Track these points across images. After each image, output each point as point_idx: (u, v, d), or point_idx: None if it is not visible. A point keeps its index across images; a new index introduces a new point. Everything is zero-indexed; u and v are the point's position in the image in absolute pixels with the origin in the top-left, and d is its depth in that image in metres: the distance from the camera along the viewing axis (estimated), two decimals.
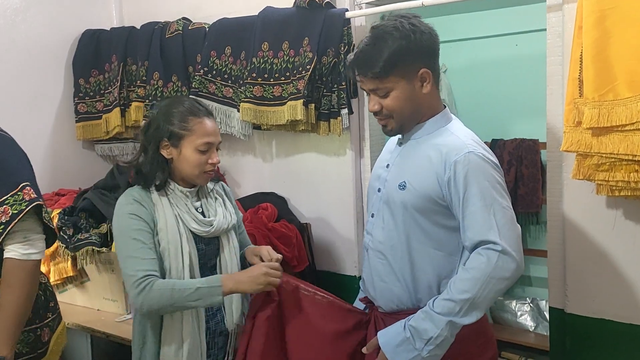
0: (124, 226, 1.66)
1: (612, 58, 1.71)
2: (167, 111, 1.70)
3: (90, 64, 3.07)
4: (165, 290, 1.59)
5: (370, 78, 1.55)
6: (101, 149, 3.17)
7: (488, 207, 1.48)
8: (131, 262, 1.62)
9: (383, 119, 1.62)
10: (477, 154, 1.51)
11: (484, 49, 3.77)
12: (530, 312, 3.61)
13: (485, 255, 1.46)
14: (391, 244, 1.63)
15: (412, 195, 1.57)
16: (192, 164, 1.68)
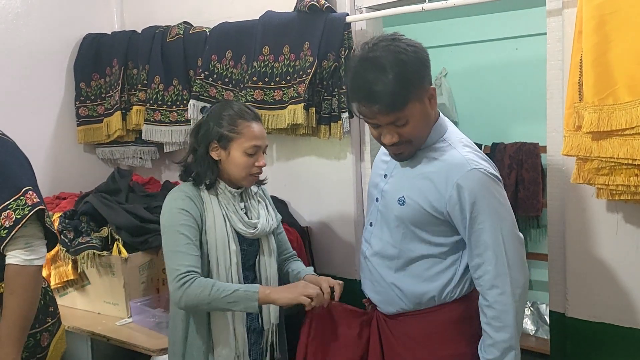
0: (173, 220, 1.70)
1: (612, 62, 1.71)
2: (218, 114, 1.76)
3: (91, 68, 3.08)
4: (205, 288, 1.62)
5: (389, 112, 1.46)
6: (102, 152, 3.18)
7: (495, 225, 1.50)
8: (177, 256, 1.66)
9: (400, 147, 1.55)
10: (480, 170, 1.50)
11: (484, 53, 3.79)
12: (531, 315, 3.61)
13: (500, 287, 1.50)
14: (387, 252, 1.64)
15: (411, 211, 1.57)
16: (240, 166, 1.74)
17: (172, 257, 1.67)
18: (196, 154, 1.78)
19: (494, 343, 1.52)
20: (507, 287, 1.50)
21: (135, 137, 3.05)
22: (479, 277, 1.53)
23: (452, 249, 1.59)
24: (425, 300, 1.61)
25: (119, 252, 2.33)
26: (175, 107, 2.85)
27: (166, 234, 1.71)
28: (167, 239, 1.70)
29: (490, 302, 1.52)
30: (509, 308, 1.50)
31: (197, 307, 1.67)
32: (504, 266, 1.50)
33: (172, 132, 2.86)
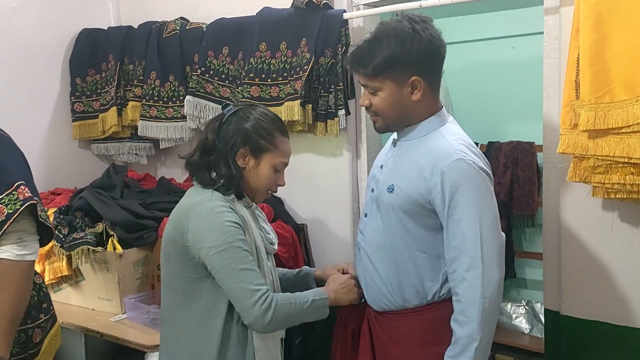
0: (229, 235, 1.50)
1: (609, 61, 1.72)
2: (256, 119, 1.61)
3: (87, 63, 3.06)
4: (289, 305, 1.53)
5: (362, 74, 1.57)
6: (97, 148, 3.16)
7: (474, 217, 1.48)
8: (249, 274, 1.49)
9: (372, 116, 1.64)
10: (467, 161, 1.50)
11: (481, 52, 3.78)
12: (526, 314, 3.61)
13: (469, 279, 1.47)
14: (379, 245, 1.64)
15: (399, 199, 1.57)
16: (265, 180, 1.63)
17: (244, 276, 1.49)
18: (220, 155, 1.59)
19: (457, 339, 1.50)
20: (477, 281, 1.46)
21: (131, 133, 3.03)
22: (453, 271, 1.51)
23: (439, 244, 1.57)
24: (413, 298, 1.61)
25: (114, 248, 2.32)
26: (171, 103, 2.83)
27: (226, 252, 1.49)
28: (228, 256, 1.49)
29: (459, 296, 1.49)
30: (475, 303, 1.46)
31: (282, 325, 1.57)
32: (478, 260, 1.47)
33: (168, 128, 2.85)
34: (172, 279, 1.61)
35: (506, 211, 3.46)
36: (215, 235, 1.50)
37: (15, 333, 1.59)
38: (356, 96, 2.49)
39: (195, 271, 1.55)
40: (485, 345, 1.49)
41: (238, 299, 1.50)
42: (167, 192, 2.66)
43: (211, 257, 1.49)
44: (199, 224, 1.51)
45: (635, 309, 1.91)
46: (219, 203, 1.54)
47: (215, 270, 1.50)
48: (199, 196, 1.57)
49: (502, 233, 1.55)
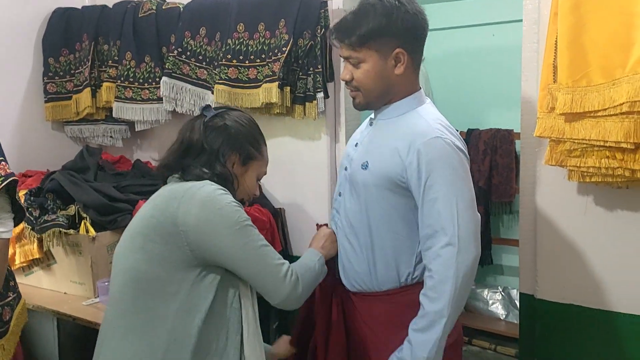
0: (239, 215, 1.42)
1: (587, 44, 1.71)
2: (246, 126, 1.58)
3: (60, 43, 2.99)
4: (308, 272, 1.52)
5: (346, 45, 1.55)
6: (71, 130, 3.09)
7: (450, 195, 1.47)
8: (269, 251, 1.45)
9: (353, 91, 1.61)
10: (444, 139, 1.50)
11: (461, 39, 3.79)
12: (502, 300, 3.66)
13: (443, 256, 1.46)
14: (353, 223, 1.63)
15: (373, 176, 1.56)
16: (248, 188, 1.61)
17: (266, 252, 1.44)
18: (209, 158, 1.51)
19: (425, 314, 1.48)
20: (452, 259, 1.45)
21: (106, 115, 2.97)
22: (428, 248, 1.50)
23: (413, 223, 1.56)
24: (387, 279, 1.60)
25: (87, 230, 2.28)
26: (147, 84, 2.78)
27: (240, 231, 1.41)
28: (244, 235, 1.41)
29: (432, 272, 1.48)
30: (448, 280, 1.45)
31: (307, 295, 1.53)
32: (455, 238, 1.45)
33: (144, 110, 2.80)
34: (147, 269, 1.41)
35: (485, 198, 3.49)
36: (226, 216, 1.40)
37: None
38: (335, 79, 2.46)
39: (182, 259, 1.40)
40: (453, 320, 1.49)
41: (266, 276, 1.42)
42: (142, 175, 2.62)
43: (225, 240, 1.39)
44: (203, 207, 1.39)
45: (607, 292, 1.93)
46: (217, 187, 1.45)
47: (231, 253, 1.40)
48: (191, 183, 1.46)
49: (478, 213, 1.54)
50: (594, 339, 1.97)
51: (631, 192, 1.83)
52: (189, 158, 1.51)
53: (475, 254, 1.48)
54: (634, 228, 1.86)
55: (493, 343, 3.37)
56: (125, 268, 1.46)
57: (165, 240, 1.40)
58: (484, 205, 3.48)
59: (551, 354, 2.06)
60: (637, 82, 1.59)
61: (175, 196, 1.43)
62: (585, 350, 1.99)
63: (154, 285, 1.41)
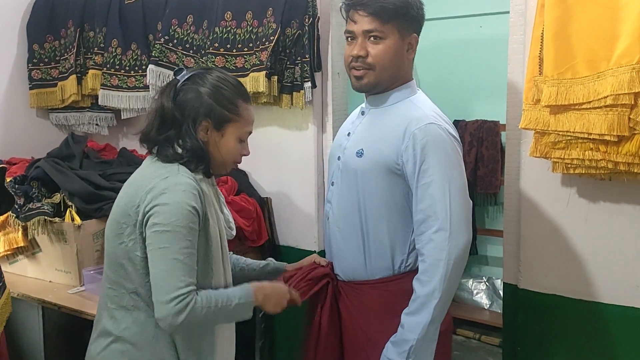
0: (179, 219, 1.35)
1: (572, 37, 1.73)
2: (215, 87, 1.45)
3: (45, 29, 2.96)
4: (207, 309, 1.36)
5: (373, 16, 1.53)
6: (56, 117, 3.06)
7: (444, 180, 1.49)
8: (179, 267, 1.34)
9: (363, 69, 1.58)
10: (438, 126, 1.52)
11: (448, 30, 3.79)
12: (486, 290, 3.70)
13: (435, 240, 1.48)
14: (347, 212, 1.63)
15: (368, 163, 1.57)
16: (230, 153, 1.49)
17: (174, 267, 1.34)
18: (181, 128, 1.44)
19: (416, 297, 1.50)
20: (444, 243, 1.47)
21: (91, 102, 2.95)
22: (421, 233, 1.52)
23: (407, 211, 1.57)
24: (379, 267, 1.61)
25: (72, 218, 2.26)
26: (133, 72, 2.76)
27: (168, 234, 1.35)
28: (168, 240, 1.35)
29: (424, 257, 1.50)
30: (440, 264, 1.47)
31: (193, 328, 1.42)
32: (447, 223, 1.48)
33: (130, 98, 2.78)
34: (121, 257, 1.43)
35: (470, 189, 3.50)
36: (166, 213, 1.35)
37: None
38: (322, 69, 2.46)
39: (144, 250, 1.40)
40: (444, 304, 1.51)
41: (157, 288, 1.35)
42: (128, 163, 2.59)
43: (151, 234, 1.36)
44: (158, 195, 1.37)
45: (589, 283, 1.96)
46: (186, 180, 1.40)
47: (150, 248, 1.37)
48: (164, 169, 1.43)
49: (470, 199, 1.56)
50: (576, 329, 2.01)
51: (614, 184, 1.85)
52: (163, 129, 1.45)
53: (466, 239, 1.51)
54: (616, 219, 1.89)
55: (477, 332, 3.41)
56: (108, 252, 1.49)
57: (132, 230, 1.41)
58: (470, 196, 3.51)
59: (534, 343, 2.09)
60: (621, 75, 1.61)
61: (144, 182, 1.42)
62: (567, 340, 2.02)
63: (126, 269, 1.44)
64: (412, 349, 1.49)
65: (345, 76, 1.67)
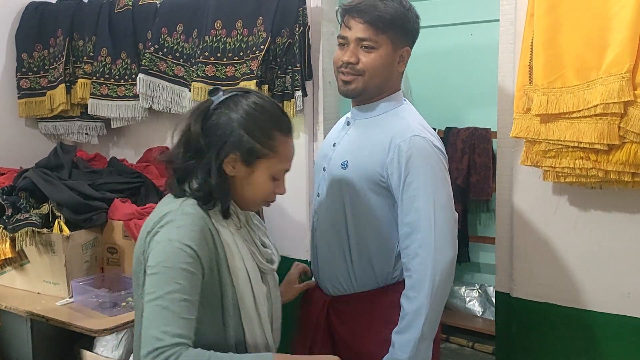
0: (169, 258, 1.18)
1: (562, 46, 1.73)
2: (249, 114, 1.27)
3: (34, 38, 2.94)
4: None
5: (368, 24, 1.52)
6: (45, 127, 3.04)
7: (428, 194, 1.48)
8: (164, 316, 1.14)
9: (352, 75, 1.57)
10: (423, 138, 1.51)
11: (439, 38, 3.80)
12: (479, 298, 3.69)
13: (421, 255, 1.47)
14: (332, 223, 1.62)
15: (352, 174, 1.56)
16: (260, 191, 1.31)
17: (154, 316, 1.14)
18: (203, 159, 1.27)
19: (404, 315, 1.48)
20: (429, 258, 1.46)
21: (81, 111, 2.93)
22: (406, 247, 1.50)
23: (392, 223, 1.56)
24: (366, 280, 1.60)
25: (60, 229, 2.23)
26: (123, 81, 2.75)
27: (156, 277, 1.18)
28: (155, 283, 1.17)
29: (410, 272, 1.49)
30: (426, 279, 1.45)
31: None
32: (431, 236, 1.46)
33: (120, 107, 2.76)
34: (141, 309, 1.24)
35: (463, 196, 3.52)
36: (155, 253, 1.20)
37: None
38: (313, 78, 2.45)
39: None
40: (433, 320, 1.48)
41: (142, 333, 1.16)
42: (118, 172, 2.57)
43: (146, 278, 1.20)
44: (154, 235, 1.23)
45: (581, 291, 1.96)
46: (186, 216, 1.23)
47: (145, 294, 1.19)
48: (168, 205, 1.29)
49: (455, 212, 1.55)
50: (569, 337, 2.00)
51: (604, 192, 1.86)
52: (187, 155, 1.28)
53: (452, 253, 1.49)
54: (607, 228, 1.89)
55: (471, 340, 3.40)
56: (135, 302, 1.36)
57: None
58: (462, 203, 3.51)
59: (527, 351, 2.08)
60: (611, 84, 1.62)
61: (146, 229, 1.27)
62: (560, 348, 2.02)
63: None
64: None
65: (336, 85, 1.65)
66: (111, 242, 2.33)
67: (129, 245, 2.27)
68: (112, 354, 2.53)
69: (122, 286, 2.25)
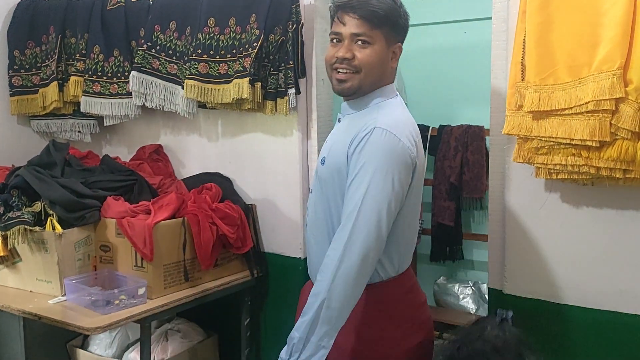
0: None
1: (554, 43, 1.74)
2: None
3: (26, 35, 2.92)
4: None
5: (363, 20, 1.52)
6: (37, 124, 3.03)
7: (365, 183, 1.46)
8: None
9: (348, 72, 1.56)
10: (385, 130, 1.49)
11: (433, 35, 3.80)
12: (472, 295, 3.69)
13: (336, 240, 1.46)
14: (318, 219, 1.63)
15: (328, 170, 1.58)
16: None
17: None
18: None
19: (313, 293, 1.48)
20: (341, 245, 1.44)
21: (74, 109, 2.91)
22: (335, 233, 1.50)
23: None
24: None
25: (53, 227, 2.23)
26: (115, 78, 2.74)
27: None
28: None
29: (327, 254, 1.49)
30: (332, 264, 1.44)
31: None
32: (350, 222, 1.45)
33: (113, 104, 2.75)
34: None
35: (456, 194, 3.52)
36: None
37: None
38: (307, 75, 2.45)
39: None
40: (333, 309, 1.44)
41: None
42: (111, 170, 2.56)
43: None
44: None
45: (573, 288, 1.96)
46: None
47: None
48: None
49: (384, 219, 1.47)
50: (561, 334, 2.01)
51: (596, 189, 1.86)
52: None
53: (365, 249, 1.45)
54: (599, 224, 1.90)
55: None
56: None
57: None
58: (456, 201, 3.51)
59: None
60: (602, 81, 1.62)
61: None
62: (553, 345, 2.02)
63: None
64: (294, 347, 1.46)
65: (329, 82, 1.65)
66: (104, 240, 2.33)
67: (122, 243, 2.27)
68: (105, 352, 2.54)
69: (115, 284, 2.25)
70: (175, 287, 2.29)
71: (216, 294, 2.40)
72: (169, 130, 2.86)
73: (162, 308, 2.20)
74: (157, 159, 2.83)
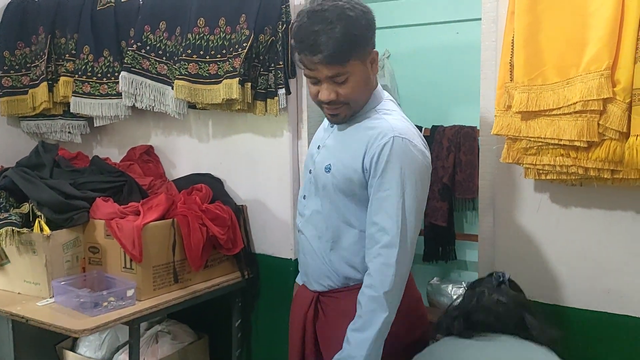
0: None
1: (542, 43, 1.73)
2: None
3: (15, 36, 2.91)
4: None
5: (331, 64, 1.46)
6: (27, 125, 3.01)
7: (399, 196, 1.48)
8: None
9: (337, 108, 1.54)
10: (403, 138, 1.50)
11: (425, 36, 3.80)
12: None
13: (383, 255, 1.47)
14: (317, 225, 1.63)
15: (335, 178, 1.56)
16: None
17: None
18: None
19: (362, 313, 1.48)
20: (392, 259, 1.46)
21: (63, 110, 2.90)
22: (371, 247, 1.50)
23: None
24: (352, 277, 1.60)
25: (41, 229, 2.21)
26: (105, 79, 2.72)
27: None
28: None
29: (370, 271, 1.49)
30: (387, 280, 1.46)
31: None
32: (396, 238, 1.47)
33: (103, 105, 2.74)
34: None
35: (449, 194, 3.51)
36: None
37: None
38: (297, 75, 2.44)
39: None
40: (389, 321, 1.49)
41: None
42: (100, 171, 2.55)
43: None
44: None
45: (561, 288, 1.96)
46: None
47: None
48: None
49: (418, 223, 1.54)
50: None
51: (585, 189, 1.86)
52: None
53: (411, 258, 1.51)
54: (587, 225, 1.90)
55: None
56: None
57: None
58: (448, 201, 3.51)
59: None
60: (590, 81, 1.62)
61: None
62: None
63: None
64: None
65: None
66: (93, 242, 2.31)
67: (111, 244, 2.25)
68: (95, 354, 2.52)
69: (104, 286, 2.24)
70: (165, 289, 2.28)
71: (206, 295, 2.39)
72: (159, 131, 2.85)
73: (151, 310, 2.18)
74: (147, 160, 2.81)
